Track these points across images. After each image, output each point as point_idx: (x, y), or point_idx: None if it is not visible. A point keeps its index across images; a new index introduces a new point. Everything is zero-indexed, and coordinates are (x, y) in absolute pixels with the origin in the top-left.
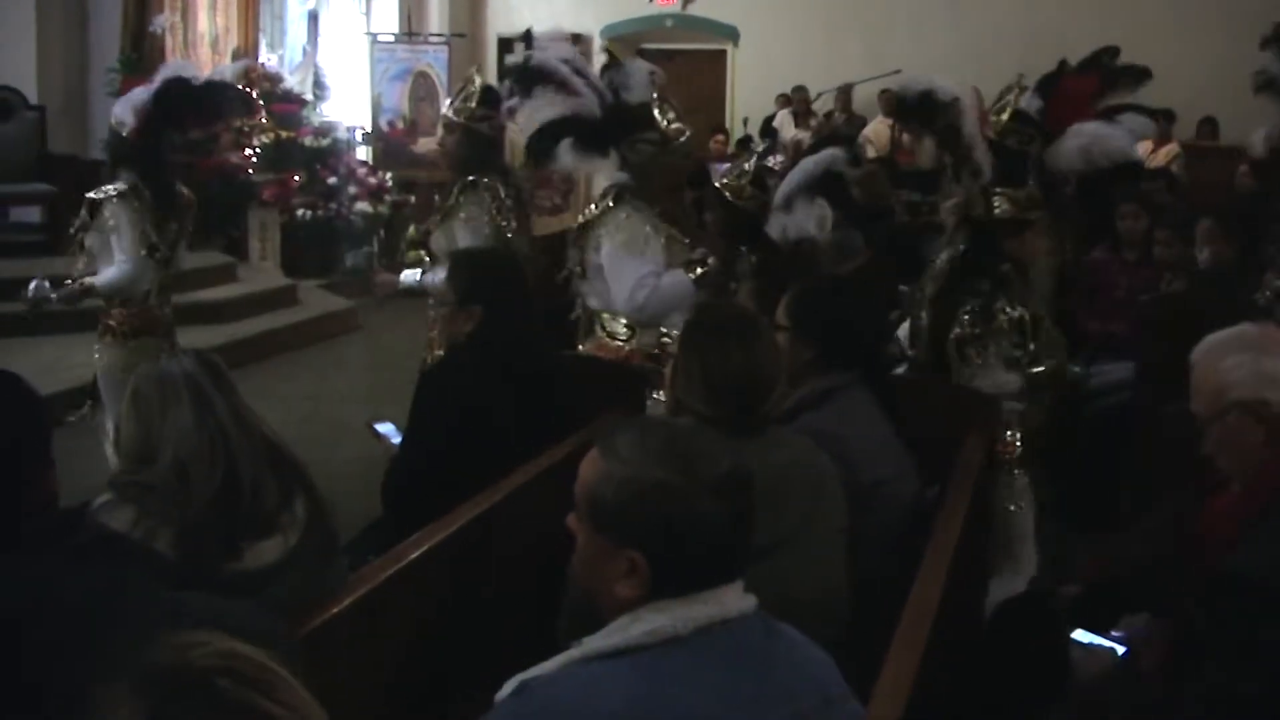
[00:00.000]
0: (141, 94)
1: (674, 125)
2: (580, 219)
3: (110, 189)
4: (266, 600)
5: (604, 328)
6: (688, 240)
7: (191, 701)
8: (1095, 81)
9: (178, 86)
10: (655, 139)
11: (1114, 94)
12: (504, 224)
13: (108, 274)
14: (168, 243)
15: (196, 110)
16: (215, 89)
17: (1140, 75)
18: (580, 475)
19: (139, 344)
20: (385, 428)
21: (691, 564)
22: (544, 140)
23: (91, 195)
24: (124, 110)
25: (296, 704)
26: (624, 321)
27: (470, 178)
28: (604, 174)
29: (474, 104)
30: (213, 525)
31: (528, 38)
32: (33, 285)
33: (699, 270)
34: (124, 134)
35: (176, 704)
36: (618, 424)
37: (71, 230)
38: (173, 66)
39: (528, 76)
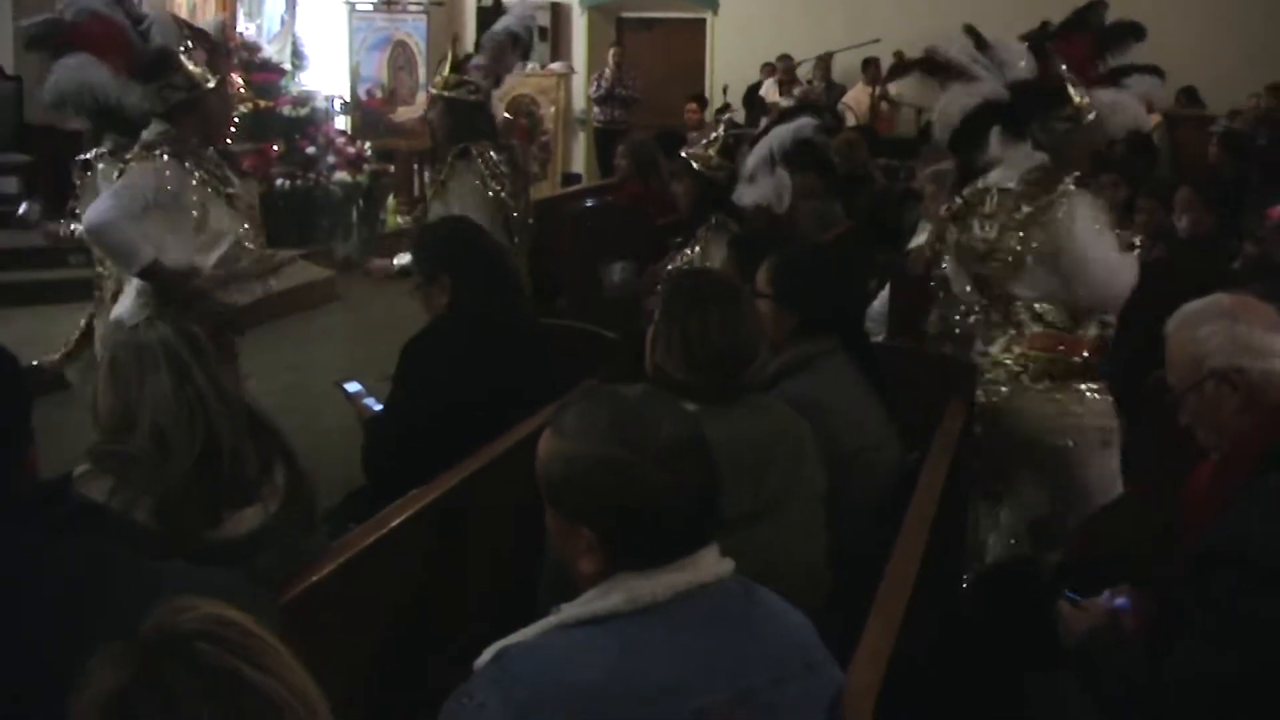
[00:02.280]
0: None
1: (1083, 100)
2: (1008, 213)
3: (96, 151)
4: (247, 568)
5: (1043, 319)
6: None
7: (172, 664)
8: (1090, 41)
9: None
10: (1070, 115)
11: (1112, 54)
12: (499, 189)
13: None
14: None
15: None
16: (197, 34)
17: (1135, 31)
18: (537, 453)
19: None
20: (353, 387)
21: (652, 536)
22: (973, 131)
23: (80, 158)
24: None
25: (279, 670)
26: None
27: (460, 146)
28: (1017, 159)
29: (447, 72)
30: (192, 494)
31: (497, 6)
32: (23, 208)
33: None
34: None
35: (157, 666)
36: (569, 399)
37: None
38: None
39: (937, 69)
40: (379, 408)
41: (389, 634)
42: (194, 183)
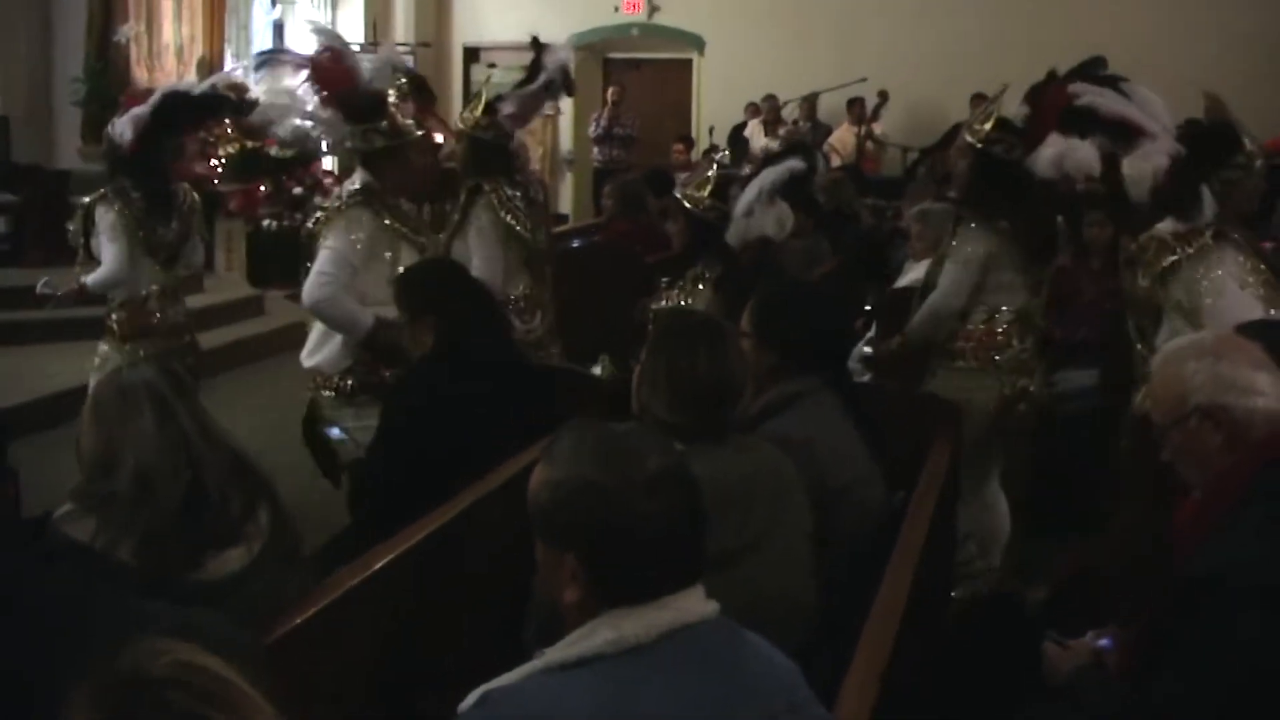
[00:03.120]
0: (141, 110)
1: (1253, 147)
2: (1158, 263)
3: (99, 192)
4: (230, 609)
5: None
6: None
7: (142, 709)
8: (1065, 90)
9: (175, 97)
10: (1243, 163)
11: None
12: (514, 223)
13: (97, 273)
14: (166, 245)
15: (193, 111)
16: (210, 93)
17: (1116, 83)
18: (529, 484)
19: (135, 346)
20: (335, 431)
21: (635, 567)
22: (1189, 187)
23: (85, 200)
24: (124, 124)
25: (251, 716)
26: None
27: (474, 182)
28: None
29: (478, 113)
30: (176, 535)
31: (537, 44)
32: (41, 283)
33: None
34: (122, 144)
35: (128, 711)
36: (562, 430)
37: (73, 239)
38: (170, 85)
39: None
40: (358, 449)
41: (373, 676)
42: (385, 232)
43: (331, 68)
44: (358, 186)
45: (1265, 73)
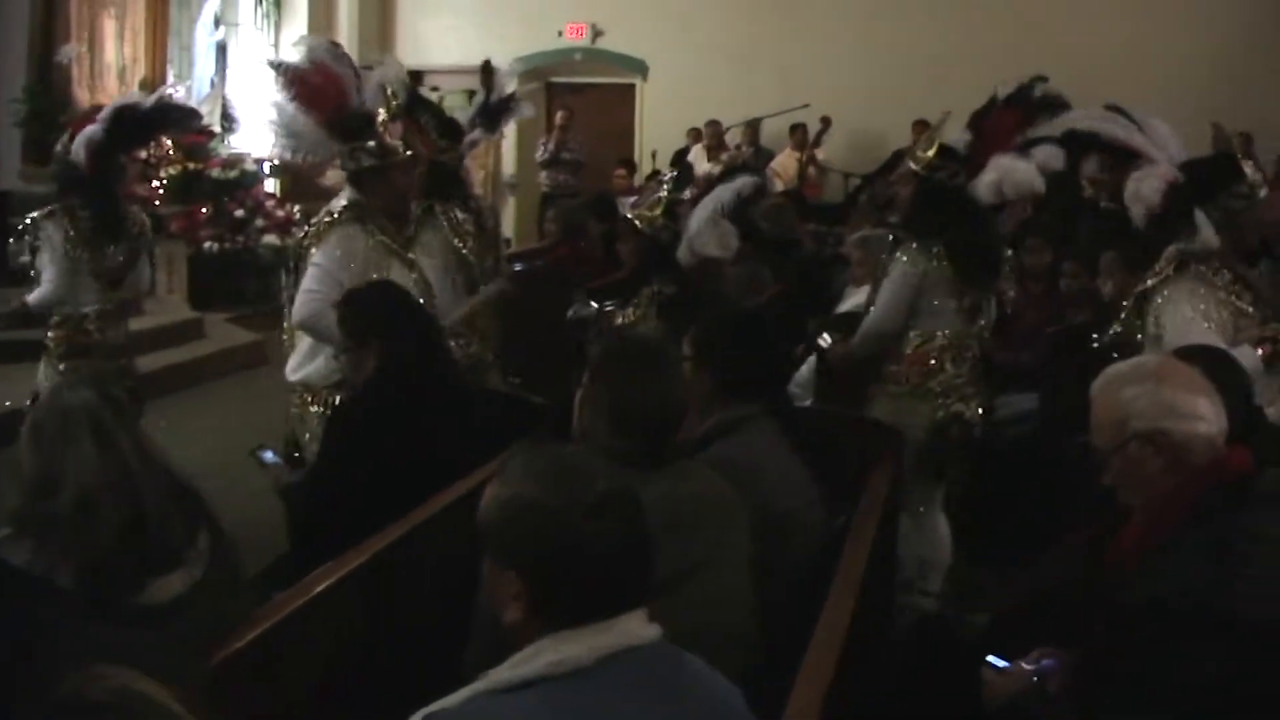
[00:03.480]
0: (94, 128)
1: (1254, 176)
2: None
3: (47, 209)
4: (172, 634)
5: None
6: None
7: None
8: (1019, 114)
9: (126, 110)
10: (1245, 192)
11: (1035, 125)
12: (461, 247)
13: (37, 291)
14: (112, 266)
15: (144, 127)
16: (162, 106)
17: (1057, 106)
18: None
19: (72, 365)
20: (269, 456)
21: (578, 588)
22: (1179, 214)
23: (30, 217)
24: (78, 144)
25: None
26: None
27: (426, 204)
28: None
29: (434, 136)
30: (116, 559)
31: (486, 69)
32: None
33: None
34: (78, 163)
35: None
36: (517, 450)
37: (21, 258)
38: (119, 100)
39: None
40: (291, 474)
41: (315, 699)
42: (376, 249)
43: (322, 84)
44: (345, 203)
45: (1215, 87)
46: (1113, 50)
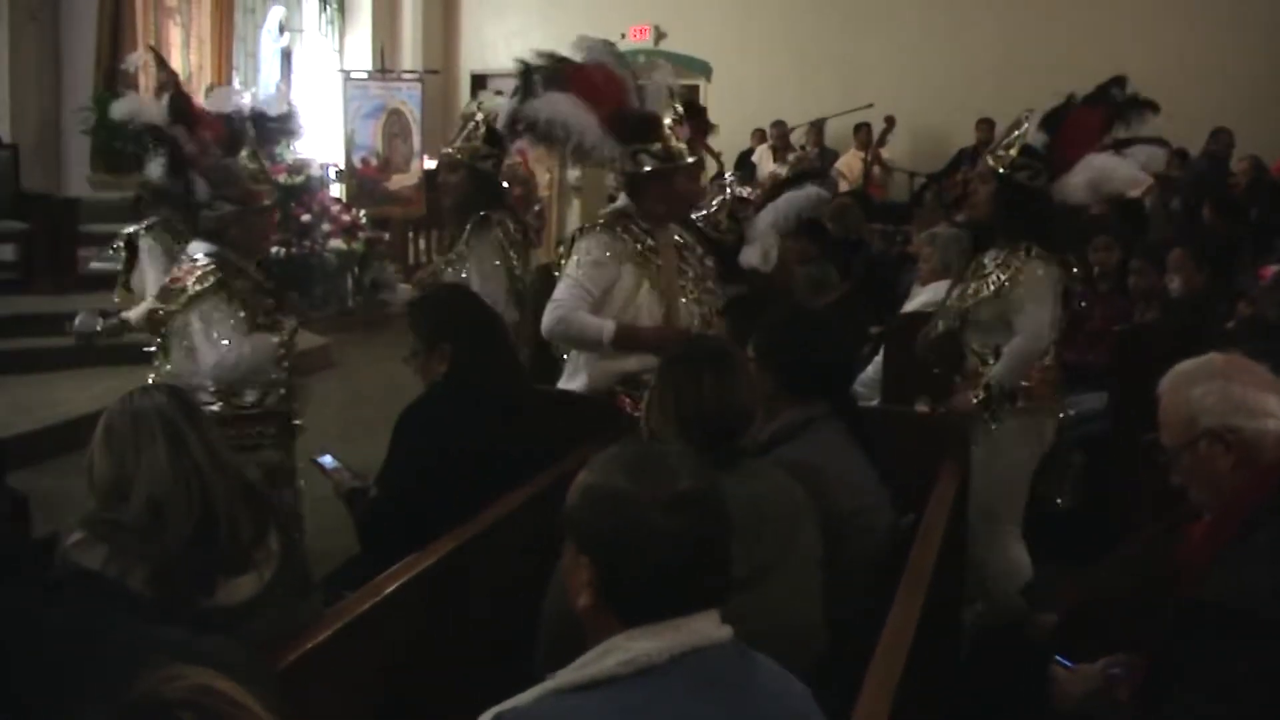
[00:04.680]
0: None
1: None
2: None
3: (143, 224)
4: (242, 636)
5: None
6: None
7: None
8: (1101, 114)
9: (258, 118)
10: None
11: (1122, 126)
12: (514, 259)
13: (140, 308)
14: None
15: (274, 132)
16: (288, 112)
17: (1148, 107)
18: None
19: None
20: (328, 461)
21: (646, 581)
22: None
23: (127, 231)
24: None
25: None
26: None
27: (482, 214)
28: None
29: (478, 142)
30: (188, 562)
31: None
32: (79, 319)
33: None
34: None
35: None
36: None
37: (114, 267)
38: (242, 105)
39: None
40: (353, 479)
41: (384, 700)
42: (624, 252)
43: (604, 83)
44: (616, 208)
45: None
46: (1183, 50)
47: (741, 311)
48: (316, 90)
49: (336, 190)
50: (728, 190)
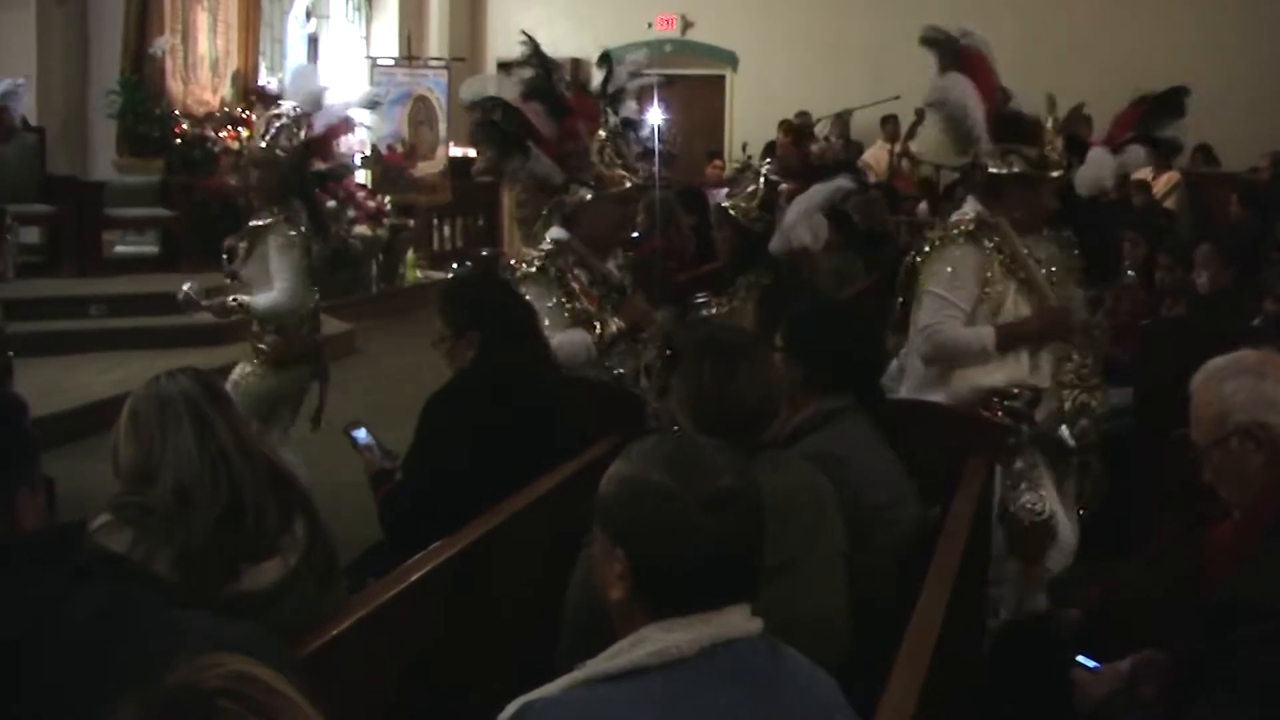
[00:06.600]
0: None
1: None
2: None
3: (272, 218)
4: (267, 622)
5: None
6: None
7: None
8: (1138, 113)
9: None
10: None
11: (1153, 126)
12: None
13: (268, 298)
14: (316, 267)
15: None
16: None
17: (1176, 110)
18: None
19: (289, 372)
20: (361, 435)
21: (682, 576)
22: None
23: (254, 223)
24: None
25: None
26: None
27: (558, 199)
28: None
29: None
30: (213, 547)
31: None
32: (184, 289)
33: None
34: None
35: None
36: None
37: (227, 259)
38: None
39: None
40: (384, 458)
41: (409, 688)
42: (996, 265)
43: (984, 68)
44: (970, 215)
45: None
46: (1204, 43)
47: (774, 302)
48: (343, 76)
49: (362, 177)
50: (760, 179)
